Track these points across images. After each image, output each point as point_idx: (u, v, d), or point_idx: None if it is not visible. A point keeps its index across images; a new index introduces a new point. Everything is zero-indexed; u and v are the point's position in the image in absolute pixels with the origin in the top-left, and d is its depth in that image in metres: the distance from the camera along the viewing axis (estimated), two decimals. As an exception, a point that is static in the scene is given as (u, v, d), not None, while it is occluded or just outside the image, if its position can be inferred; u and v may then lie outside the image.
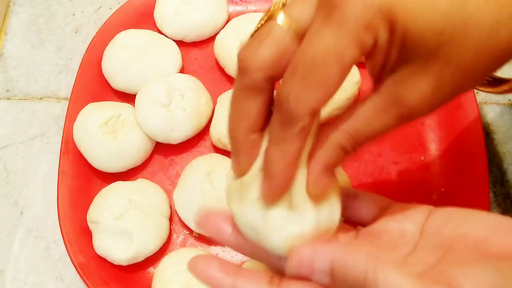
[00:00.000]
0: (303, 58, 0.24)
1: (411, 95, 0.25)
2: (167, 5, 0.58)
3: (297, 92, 0.24)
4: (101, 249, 0.47)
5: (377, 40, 0.24)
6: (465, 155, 0.51)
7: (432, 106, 0.26)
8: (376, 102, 0.26)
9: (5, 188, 0.54)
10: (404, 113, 0.25)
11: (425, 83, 0.25)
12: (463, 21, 0.24)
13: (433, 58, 0.24)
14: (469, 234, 0.26)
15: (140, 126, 0.52)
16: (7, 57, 0.62)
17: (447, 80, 0.25)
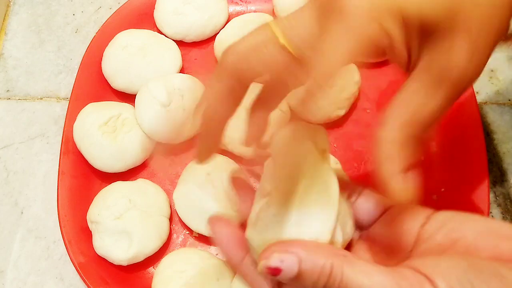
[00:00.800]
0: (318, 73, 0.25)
1: (453, 64, 0.25)
2: (167, 5, 0.58)
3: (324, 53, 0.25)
4: (101, 249, 0.47)
5: (391, 36, 0.25)
6: (465, 155, 0.51)
7: (474, 71, 0.26)
8: (422, 84, 0.26)
9: (5, 188, 0.54)
10: (451, 87, 0.26)
11: (459, 50, 0.25)
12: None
13: (455, 30, 0.25)
14: (460, 240, 0.26)
15: (140, 126, 0.52)
16: (7, 57, 0.62)
17: (476, 40, 0.25)
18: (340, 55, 0.25)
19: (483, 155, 0.50)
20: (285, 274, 0.25)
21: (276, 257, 0.25)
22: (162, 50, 0.56)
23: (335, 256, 0.25)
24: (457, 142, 0.52)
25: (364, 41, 0.25)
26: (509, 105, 0.57)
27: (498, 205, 0.52)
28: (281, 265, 0.25)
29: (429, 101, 0.26)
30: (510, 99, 0.57)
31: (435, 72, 0.26)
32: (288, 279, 0.25)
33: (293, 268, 0.24)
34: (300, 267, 0.24)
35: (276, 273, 0.25)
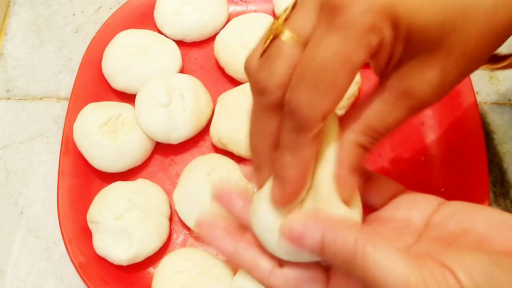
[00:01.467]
0: (311, 65, 0.25)
1: (420, 86, 0.26)
2: (167, 5, 0.58)
3: (308, 99, 0.25)
4: (101, 249, 0.47)
5: (382, 39, 0.25)
6: (465, 155, 0.51)
7: (440, 93, 0.26)
8: (386, 97, 0.26)
9: (5, 188, 0.54)
10: (415, 104, 0.26)
11: (432, 73, 0.25)
12: (462, 10, 0.25)
13: (437, 48, 0.25)
14: (473, 230, 0.26)
15: (140, 126, 0.52)
16: (7, 57, 0.62)
17: (453, 67, 0.26)
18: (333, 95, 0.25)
19: (483, 155, 0.50)
20: (307, 241, 0.25)
21: (301, 222, 0.25)
22: (162, 50, 0.56)
23: (360, 232, 0.24)
24: (457, 142, 0.52)
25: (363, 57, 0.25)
26: (509, 105, 0.57)
27: (498, 205, 0.52)
28: (304, 231, 0.25)
29: (389, 114, 0.27)
30: (510, 99, 0.57)
31: (400, 90, 0.26)
32: (310, 246, 0.25)
33: (316, 235, 0.24)
34: (323, 235, 0.24)
35: (299, 239, 0.25)
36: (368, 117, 0.27)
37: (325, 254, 0.25)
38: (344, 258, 0.24)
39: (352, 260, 0.24)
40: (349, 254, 0.24)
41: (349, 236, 0.24)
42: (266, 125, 0.28)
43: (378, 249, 0.24)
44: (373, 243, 0.24)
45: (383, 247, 0.24)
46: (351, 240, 0.24)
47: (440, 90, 0.26)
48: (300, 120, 0.25)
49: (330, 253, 0.24)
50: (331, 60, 0.24)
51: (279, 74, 0.26)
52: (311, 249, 0.25)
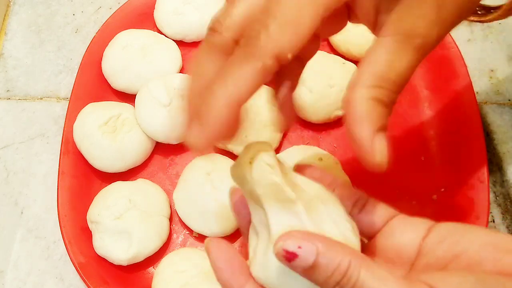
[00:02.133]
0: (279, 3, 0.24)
1: (418, 23, 0.24)
2: (167, 5, 0.58)
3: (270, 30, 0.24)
4: (101, 249, 0.47)
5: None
6: (465, 155, 0.51)
7: (441, 29, 0.25)
8: (388, 44, 0.25)
9: (5, 188, 0.54)
10: (419, 43, 0.25)
11: (427, 7, 0.24)
12: None
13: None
14: (463, 253, 0.25)
15: (140, 126, 0.52)
16: (7, 57, 0.62)
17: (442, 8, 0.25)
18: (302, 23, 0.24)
19: (483, 155, 0.50)
20: (300, 262, 0.24)
21: (295, 242, 0.24)
22: (162, 50, 0.56)
23: (354, 256, 0.24)
24: (457, 142, 0.52)
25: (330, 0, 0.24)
26: (509, 105, 0.57)
27: (498, 205, 0.52)
28: (298, 251, 0.24)
29: (397, 59, 0.25)
30: (510, 99, 0.57)
31: (401, 32, 0.25)
32: (301, 268, 0.24)
33: (310, 257, 0.24)
34: (317, 258, 0.23)
35: (291, 258, 0.24)
36: (376, 68, 0.25)
37: (317, 277, 0.24)
38: (338, 282, 0.23)
39: (345, 285, 0.23)
40: (343, 280, 0.23)
41: (344, 257, 0.23)
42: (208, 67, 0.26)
43: (373, 273, 0.23)
44: (367, 267, 0.23)
45: (378, 271, 0.23)
46: (345, 263, 0.23)
47: (439, 24, 0.25)
48: (251, 46, 0.24)
49: (322, 276, 0.24)
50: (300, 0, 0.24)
51: (235, 14, 0.25)
52: (304, 271, 0.24)
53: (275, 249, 0.24)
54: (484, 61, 0.59)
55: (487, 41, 0.60)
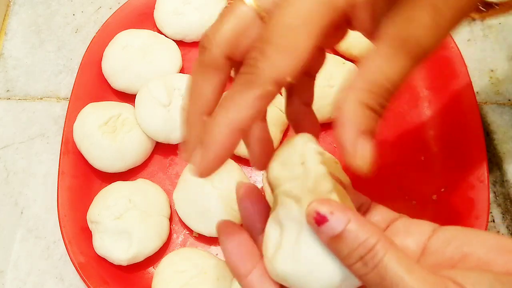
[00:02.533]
0: (275, 27, 0.24)
1: (414, 30, 0.24)
2: (167, 5, 0.58)
3: (267, 56, 0.24)
4: (101, 249, 0.47)
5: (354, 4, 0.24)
6: (465, 155, 0.51)
7: (437, 35, 0.25)
8: (383, 50, 0.25)
9: (5, 188, 0.54)
10: (415, 50, 0.24)
11: (423, 14, 0.24)
12: None
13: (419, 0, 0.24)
14: (472, 255, 0.26)
15: (140, 126, 0.52)
16: (7, 57, 0.62)
17: (443, 5, 0.24)
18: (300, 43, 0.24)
19: (483, 155, 0.50)
20: (328, 228, 0.23)
21: (329, 207, 0.24)
22: (162, 50, 0.56)
23: (383, 238, 0.23)
24: (457, 142, 0.52)
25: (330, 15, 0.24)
26: (509, 105, 0.57)
27: (498, 205, 0.52)
28: (329, 217, 0.23)
29: (391, 66, 0.24)
30: (510, 99, 0.57)
31: (397, 39, 0.24)
32: (328, 235, 0.23)
33: (339, 225, 0.23)
34: (346, 227, 0.23)
35: (321, 221, 0.23)
36: (369, 74, 0.25)
37: (342, 248, 0.23)
38: (362, 257, 0.23)
39: (368, 262, 0.23)
40: (367, 255, 0.23)
41: (372, 235, 0.23)
42: (201, 86, 0.26)
43: (399, 258, 0.23)
44: (395, 250, 0.23)
45: (405, 258, 0.23)
46: (372, 240, 0.23)
47: (436, 30, 0.24)
48: (252, 74, 0.24)
49: (347, 248, 0.23)
50: (294, 22, 0.24)
51: (222, 32, 0.25)
52: (330, 239, 0.24)
53: (308, 210, 0.24)
54: (484, 61, 0.59)
55: (487, 41, 0.60)
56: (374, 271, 0.23)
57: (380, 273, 0.23)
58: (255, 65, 0.24)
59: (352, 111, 0.24)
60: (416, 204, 0.51)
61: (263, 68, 0.24)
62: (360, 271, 0.23)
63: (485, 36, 0.61)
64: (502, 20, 0.61)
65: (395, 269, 0.23)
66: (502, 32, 0.61)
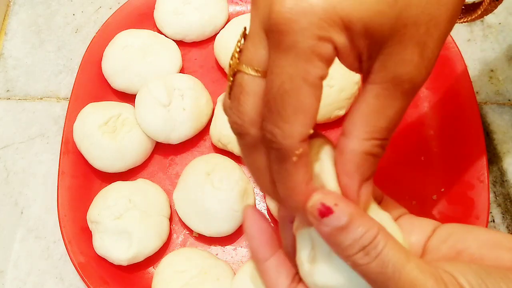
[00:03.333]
0: (271, 93, 0.24)
1: (404, 69, 0.25)
2: (167, 5, 0.58)
3: (280, 127, 0.24)
4: (101, 249, 0.47)
5: (336, 46, 0.24)
6: (465, 155, 0.51)
7: (427, 67, 0.25)
8: (377, 92, 0.25)
9: (5, 188, 0.54)
10: (407, 87, 0.25)
11: (410, 51, 0.25)
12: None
13: (403, 31, 0.24)
14: (465, 251, 0.27)
15: (140, 126, 0.52)
16: (7, 57, 0.62)
17: (427, 37, 0.25)
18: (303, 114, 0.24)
19: (483, 155, 0.50)
20: (333, 219, 0.24)
21: (333, 199, 0.25)
22: (162, 50, 0.56)
23: (383, 229, 0.25)
24: (457, 142, 0.52)
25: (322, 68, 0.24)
26: (509, 105, 0.57)
27: (498, 205, 0.52)
28: (334, 208, 0.24)
29: (387, 107, 0.26)
30: (510, 99, 0.57)
31: (388, 80, 0.25)
32: (332, 226, 0.24)
33: (344, 216, 0.24)
34: (350, 218, 0.24)
35: (326, 213, 0.24)
36: (369, 118, 0.25)
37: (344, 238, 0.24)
38: (364, 247, 0.24)
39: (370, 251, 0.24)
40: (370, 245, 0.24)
41: (373, 227, 0.24)
42: (257, 162, 0.27)
43: (398, 248, 0.24)
44: (394, 241, 0.24)
45: (403, 248, 0.24)
46: (374, 231, 0.24)
47: (425, 64, 0.25)
48: (277, 150, 0.25)
49: (349, 239, 0.24)
50: (289, 83, 0.24)
51: (247, 113, 0.26)
52: (332, 230, 0.24)
53: (311, 202, 0.25)
54: (484, 61, 0.59)
55: (487, 41, 0.60)
56: (375, 261, 0.24)
57: (382, 261, 0.24)
58: (274, 139, 0.25)
59: (356, 163, 0.26)
60: (416, 204, 0.51)
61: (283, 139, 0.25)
62: (360, 261, 0.24)
63: (485, 36, 0.61)
64: (502, 20, 0.61)
65: (395, 258, 0.24)
66: (502, 32, 0.61)
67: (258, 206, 0.51)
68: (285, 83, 0.24)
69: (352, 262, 0.25)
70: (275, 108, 0.24)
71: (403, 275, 0.24)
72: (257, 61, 0.25)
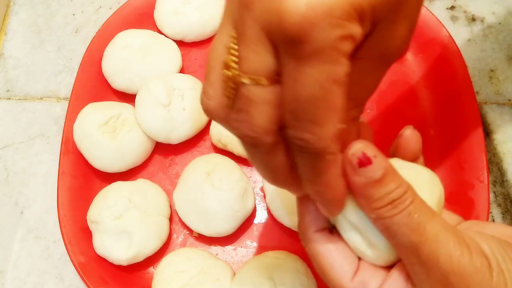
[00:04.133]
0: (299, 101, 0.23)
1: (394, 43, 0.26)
2: (167, 5, 0.58)
3: (312, 132, 0.24)
4: (101, 249, 0.47)
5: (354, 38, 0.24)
6: (465, 155, 0.51)
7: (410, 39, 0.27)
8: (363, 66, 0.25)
9: (5, 188, 0.54)
10: (393, 60, 0.26)
11: (401, 28, 0.25)
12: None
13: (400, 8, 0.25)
14: None
15: (140, 126, 0.52)
16: (7, 57, 0.62)
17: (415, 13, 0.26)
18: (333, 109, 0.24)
19: (483, 155, 0.50)
20: (370, 170, 0.25)
21: (373, 151, 0.26)
22: (162, 50, 0.56)
23: (411, 188, 0.26)
24: (457, 142, 0.52)
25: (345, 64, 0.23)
26: (509, 105, 0.57)
27: (498, 205, 0.52)
28: (373, 159, 0.25)
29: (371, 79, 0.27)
30: (510, 99, 0.57)
31: (377, 55, 0.26)
32: (368, 177, 0.25)
33: (381, 169, 0.25)
34: (385, 171, 0.26)
35: (365, 163, 0.25)
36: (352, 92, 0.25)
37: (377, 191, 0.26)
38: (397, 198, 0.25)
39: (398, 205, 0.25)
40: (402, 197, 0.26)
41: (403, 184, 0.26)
42: (275, 163, 0.27)
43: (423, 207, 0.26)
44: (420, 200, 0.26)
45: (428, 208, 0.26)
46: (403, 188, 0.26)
47: (410, 36, 0.26)
48: (313, 154, 0.25)
49: (383, 190, 0.25)
50: (318, 89, 0.23)
51: (260, 124, 0.25)
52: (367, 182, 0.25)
53: (352, 149, 0.26)
54: (484, 61, 0.59)
55: (487, 41, 0.60)
56: (402, 213, 0.25)
57: (408, 213, 0.25)
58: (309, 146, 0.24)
59: None
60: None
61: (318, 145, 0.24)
62: (387, 214, 0.26)
63: (485, 36, 0.61)
64: (502, 20, 0.61)
65: (422, 212, 0.26)
66: (502, 32, 0.61)
67: (258, 206, 0.51)
68: (314, 89, 0.23)
69: (377, 214, 0.26)
70: (304, 116, 0.23)
71: (428, 227, 0.25)
72: (263, 70, 0.24)
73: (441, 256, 0.25)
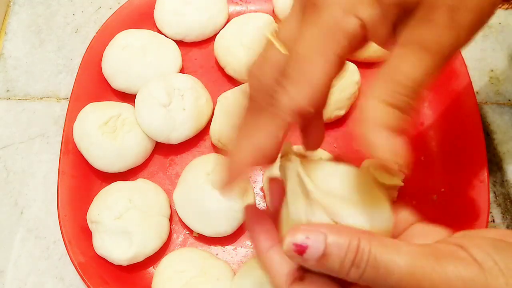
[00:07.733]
0: (291, 60, 0.26)
1: (433, 29, 0.25)
2: (167, 5, 0.58)
3: (286, 90, 0.25)
4: (101, 249, 0.47)
5: (362, 21, 0.24)
6: (465, 155, 0.51)
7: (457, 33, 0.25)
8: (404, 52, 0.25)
9: (5, 188, 0.54)
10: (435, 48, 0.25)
11: (439, 13, 0.24)
12: None
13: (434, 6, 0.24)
14: None
15: (140, 126, 0.52)
16: (7, 57, 0.62)
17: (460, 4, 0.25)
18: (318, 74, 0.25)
19: (483, 155, 0.50)
20: (311, 252, 0.24)
21: (302, 233, 0.24)
22: (162, 50, 0.56)
23: (362, 234, 0.24)
24: (457, 142, 0.52)
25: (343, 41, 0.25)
26: (509, 105, 0.57)
27: (498, 205, 0.52)
28: (307, 242, 0.24)
29: (413, 66, 0.25)
30: (510, 99, 0.57)
31: (416, 40, 0.25)
32: (314, 258, 0.24)
33: (320, 244, 0.24)
34: (326, 243, 0.24)
35: (302, 250, 0.24)
36: (389, 74, 0.25)
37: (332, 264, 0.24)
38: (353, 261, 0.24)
39: (360, 262, 0.23)
40: (357, 256, 0.23)
41: (353, 237, 0.24)
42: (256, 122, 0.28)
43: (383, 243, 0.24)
44: (376, 239, 0.24)
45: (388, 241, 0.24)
46: (355, 241, 0.23)
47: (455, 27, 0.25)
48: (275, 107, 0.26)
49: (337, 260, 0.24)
50: (303, 51, 0.25)
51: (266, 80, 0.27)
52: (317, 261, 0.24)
53: (285, 247, 0.24)
54: (484, 61, 0.59)
55: (487, 41, 0.60)
56: (367, 268, 0.23)
57: (373, 266, 0.23)
58: (276, 98, 0.26)
59: (371, 108, 0.25)
60: (416, 204, 0.50)
61: (284, 102, 0.26)
62: (356, 275, 0.24)
63: (485, 36, 0.61)
64: (502, 20, 0.61)
65: (384, 255, 0.23)
66: (502, 32, 0.61)
67: (258, 206, 0.51)
68: (304, 51, 0.25)
69: (349, 279, 0.24)
70: (288, 73, 0.25)
71: (396, 270, 0.23)
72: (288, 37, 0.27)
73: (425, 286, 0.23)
